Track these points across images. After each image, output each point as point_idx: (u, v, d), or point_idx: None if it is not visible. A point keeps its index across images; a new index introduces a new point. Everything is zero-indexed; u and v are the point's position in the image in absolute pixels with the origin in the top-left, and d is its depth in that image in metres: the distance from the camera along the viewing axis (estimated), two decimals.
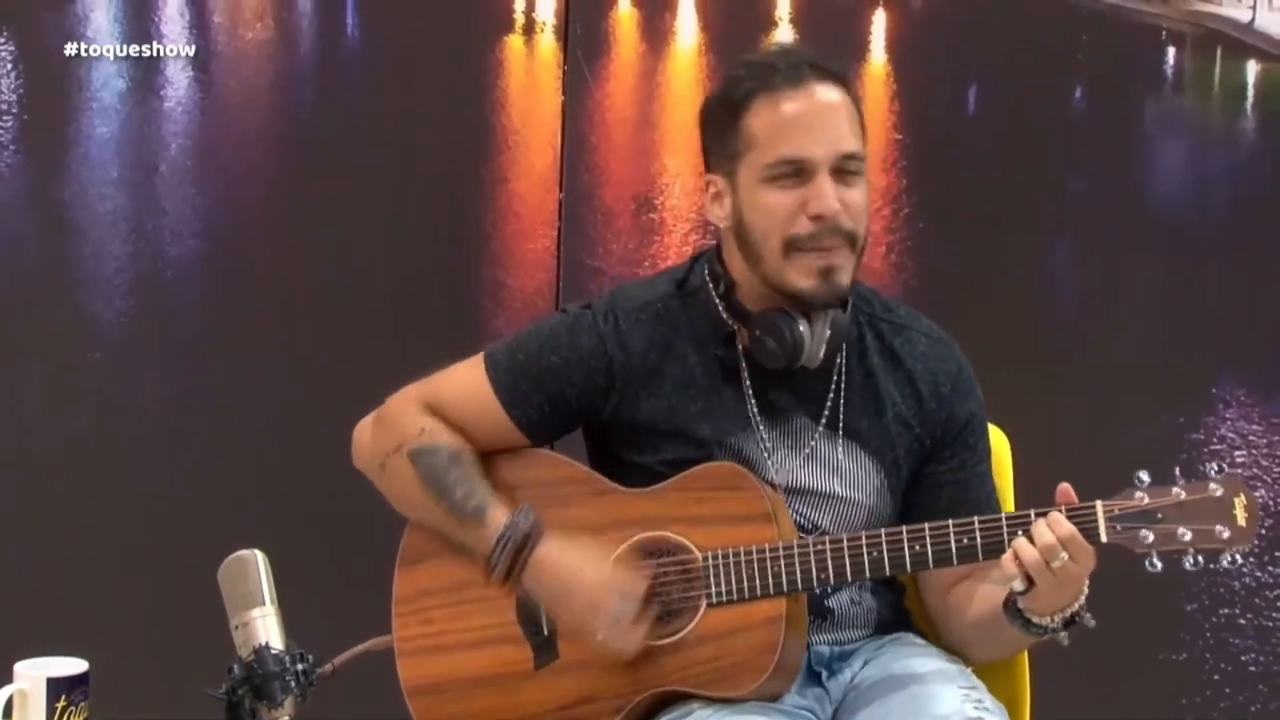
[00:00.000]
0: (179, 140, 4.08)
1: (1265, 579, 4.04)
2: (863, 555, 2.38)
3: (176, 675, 3.60)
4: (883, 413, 2.51)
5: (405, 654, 2.55)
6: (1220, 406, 4.06)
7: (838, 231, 2.42)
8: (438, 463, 2.52)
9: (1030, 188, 4.06)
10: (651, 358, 2.51)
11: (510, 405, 2.53)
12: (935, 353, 2.55)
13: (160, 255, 4.07)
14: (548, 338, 2.54)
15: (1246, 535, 2.27)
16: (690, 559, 2.43)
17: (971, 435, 2.54)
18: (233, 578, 2.36)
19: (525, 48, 4.11)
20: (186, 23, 4.07)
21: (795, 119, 2.42)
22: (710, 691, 2.39)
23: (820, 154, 2.41)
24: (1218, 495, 2.28)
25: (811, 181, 2.41)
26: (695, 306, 2.53)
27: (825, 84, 2.44)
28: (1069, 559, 2.28)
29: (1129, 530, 2.29)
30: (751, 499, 2.43)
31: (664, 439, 2.50)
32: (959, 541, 2.34)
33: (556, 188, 4.07)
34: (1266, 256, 4.06)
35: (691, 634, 2.42)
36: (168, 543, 3.96)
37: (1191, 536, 2.28)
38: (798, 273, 2.43)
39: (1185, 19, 4.11)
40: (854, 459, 2.51)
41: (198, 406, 4.05)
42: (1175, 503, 2.28)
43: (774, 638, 2.38)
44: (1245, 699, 4.02)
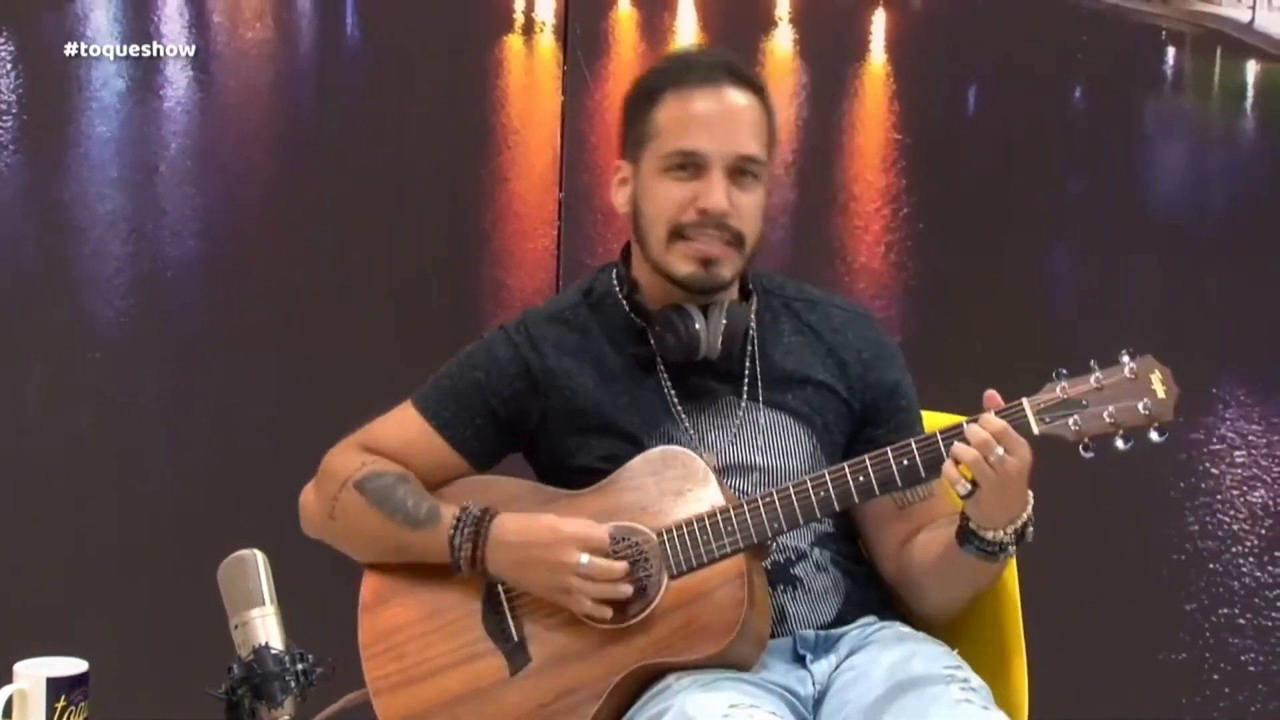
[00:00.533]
0: (179, 140, 4.08)
1: (1265, 579, 4.04)
2: (810, 496, 2.42)
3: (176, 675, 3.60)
4: (805, 382, 2.59)
5: (381, 692, 2.57)
6: (1220, 407, 4.06)
7: (724, 229, 2.52)
8: (385, 484, 2.58)
9: (1030, 188, 4.06)
10: (566, 359, 2.59)
11: (442, 428, 2.61)
12: (854, 324, 2.64)
13: (160, 255, 4.07)
14: (466, 358, 2.64)
15: (1167, 406, 2.34)
16: (644, 539, 2.47)
17: (904, 398, 2.62)
18: (232, 577, 2.36)
19: (525, 48, 4.11)
20: (186, 23, 4.07)
21: (698, 115, 2.52)
22: (684, 658, 2.42)
23: (716, 151, 2.51)
24: (1133, 374, 2.35)
25: (705, 177, 2.51)
26: (603, 311, 2.62)
27: (737, 88, 2.54)
28: (1006, 453, 2.32)
29: (1057, 420, 2.34)
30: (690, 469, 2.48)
31: (595, 435, 2.56)
32: (899, 463, 2.39)
33: (556, 187, 4.08)
34: (1266, 256, 4.06)
35: (658, 608, 2.45)
36: (168, 542, 3.96)
37: (1117, 415, 2.33)
38: (678, 259, 2.53)
39: (1185, 19, 4.11)
40: (783, 427, 2.58)
41: (197, 406, 4.05)
42: (1095, 388, 2.34)
43: (739, 594, 2.41)
44: (1245, 699, 4.02)
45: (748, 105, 2.54)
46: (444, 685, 2.54)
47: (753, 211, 2.53)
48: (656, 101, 2.55)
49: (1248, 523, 4.04)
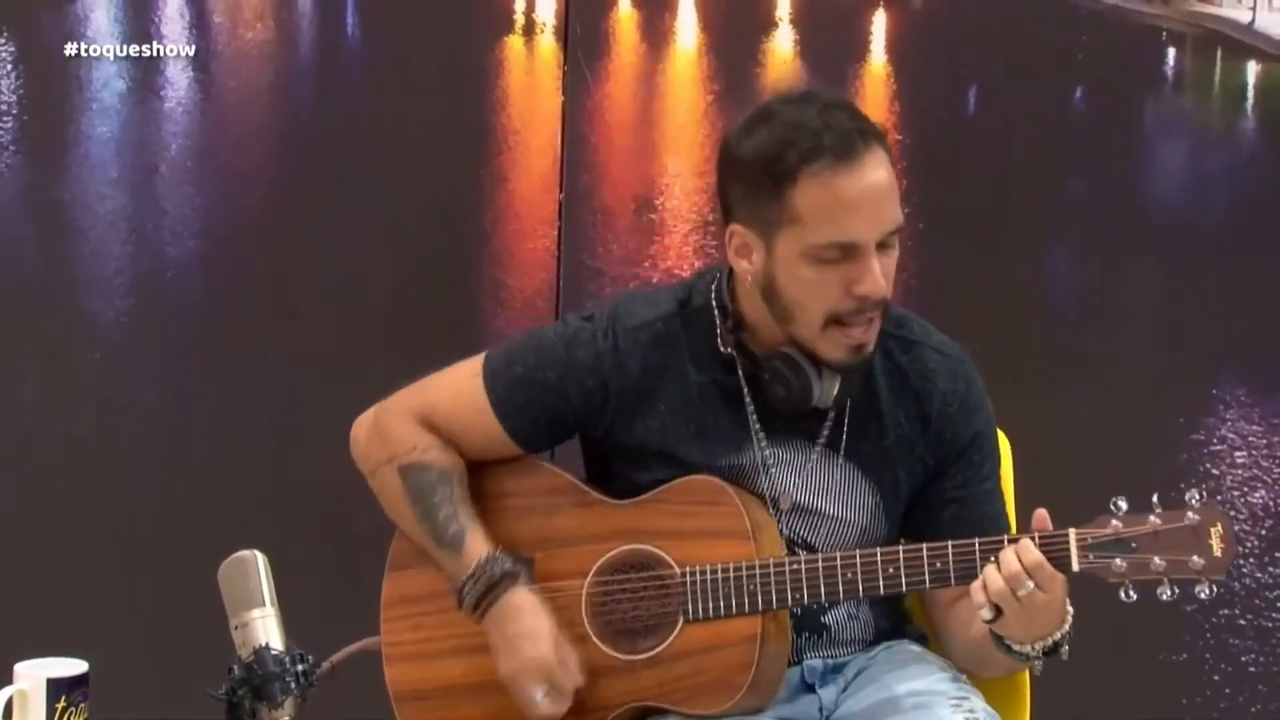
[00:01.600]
0: (179, 140, 4.08)
1: (1265, 580, 4.04)
2: (836, 576, 2.36)
3: (176, 676, 3.60)
4: (884, 435, 2.49)
5: (393, 659, 2.57)
6: (1220, 407, 4.06)
7: (879, 305, 2.39)
8: (425, 480, 2.53)
9: (1030, 188, 4.06)
10: (648, 379, 2.49)
11: (505, 418, 2.53)
12: (945, 369, 2.51)
13: (160, 255, 4.07)
14: (546, 351, 2.52)
15: (1221, 566, 2.22)
16: (669, 574, 2.43)
17: (977, 453, 2.51)
18: (232, 578, 2.35)
19: (525, 48, 4.11)
20: (186, 23, 4.07)
21: (848, 202, 2.34)
22: (685, 709, 2.39)
23: (870, 236, 2.35)
24: (1194, 524, 2.23)
25: (859, 260, 2.35)
26: (696, 327, 2.50)
27: (874, 153, 2.36)
28: (1036, 588, 2.24)
29: (1102, 559, 2.25)
30: (730, 514, 2.42)
31: (655, 459, 2.49)
32: (932, 565, 2.33)
33: (556, 188, 4.08)
34: (1266, 257, 4.06)
35: (668, 650, 2.42)
36: (168, 543, 3.96)
37: (1165, 566, 2.23)
38: (830, 345, 2.39)
39: (1185, 19, 4.11)
40: (850, 480, 2.49)
41: (198, 406, 4.05)
42: (1150, 531, 2.24)
43: (748, 656, 2.37)
44: (1245, 699, 4.02)
45: (887, 173, 2.37)
46: (450, 670, 2.53)
47: (893, 272, 2.39)
48: (791, 183, 2.33)
49: (1248, 523, 4.04)
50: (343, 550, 3.81)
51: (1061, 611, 2.30)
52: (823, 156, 2.33)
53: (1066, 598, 2.29)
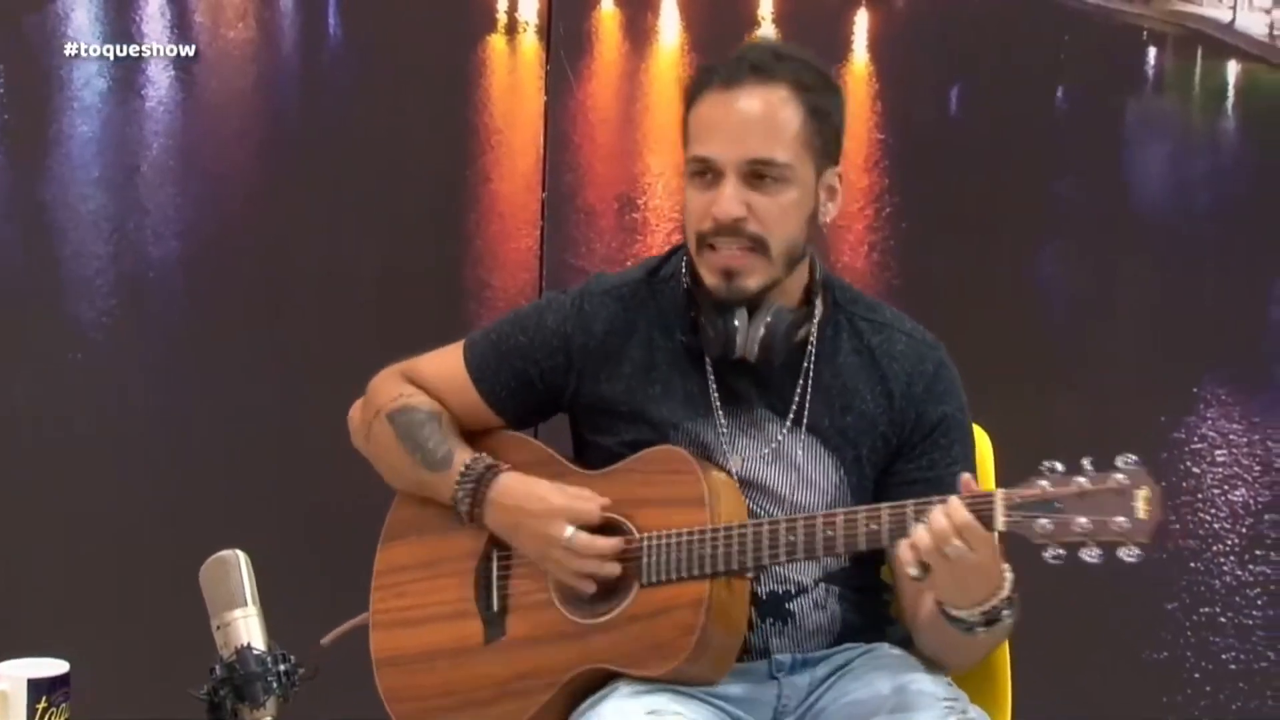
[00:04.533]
0: (161, 140, 4.07)
1: (1246, 578, 4.05)
2: (780, 539, 2.39)
3: (158, 676, 3.60)
4: (847, 410, 2.52)
5: (378, 626, 2.63)
6: (1202, 406, 4.07)
7: (738, 234, 2.44)
8: (414, 420, 2.60)
9: (1013, 187, 4.07)
10: (612, 340, 2.56)
11: (479, 381, 2.61)
12: (914, 352, 2.55)
13: (142, 256, 4.06)
14: (521, 319, 2.63)
15: (1145, 529, 2.19)
16: (629, 539, 2.47)
17: (944, 436, 2.52)
18: (214, 578, 2.35)
19: (508, 47, 4.10)
20: (168, 22, 4.06)
21: (712, 119, 2.46)
22: (633, 670, 2.42)
23: (725, 156, 2.44)
24: (1120, 486, 2.22)
25: (718, 183, 2.44)
26: (665, 294, 2.57)
27: (761, 86, 2.45)
28: (964, 546, 2.24)
29: (1027, 518, 2.23)
30: (689, 483, 2.45)
31: (623, 421, 2.54)
32: (867, 526, 2.34)
33: (539, 187, 4.08)
34: (1247, 256, 4.07)
35: (624, 613, 2.45)
36: (150, 542, 3.96)
37: (1089, 527, 2.21)
38: (706, 269, 2.48)
39: (1166, 19, 4.11)
40: (813, 454, 2.52)
41: (180, 407, 4.05)
42: (1076, 492, 2.22)
43: (694, 620, 2.40)
44: (1226, 697, 4.03)
45: (766, 103, 2.44)
46: (429, 636, 2.58)
47: (776, 214, 2.43)
48: (691, 104, 2.49)
49: (1229, 522, 4.05)
50: (325, 550, 3.81)
51: (995, 575, 2.30)
52: (713, 80, 2.47)
53: (1001, 562, 2.30)
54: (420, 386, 2.65)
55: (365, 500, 2.67)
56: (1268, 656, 4.04)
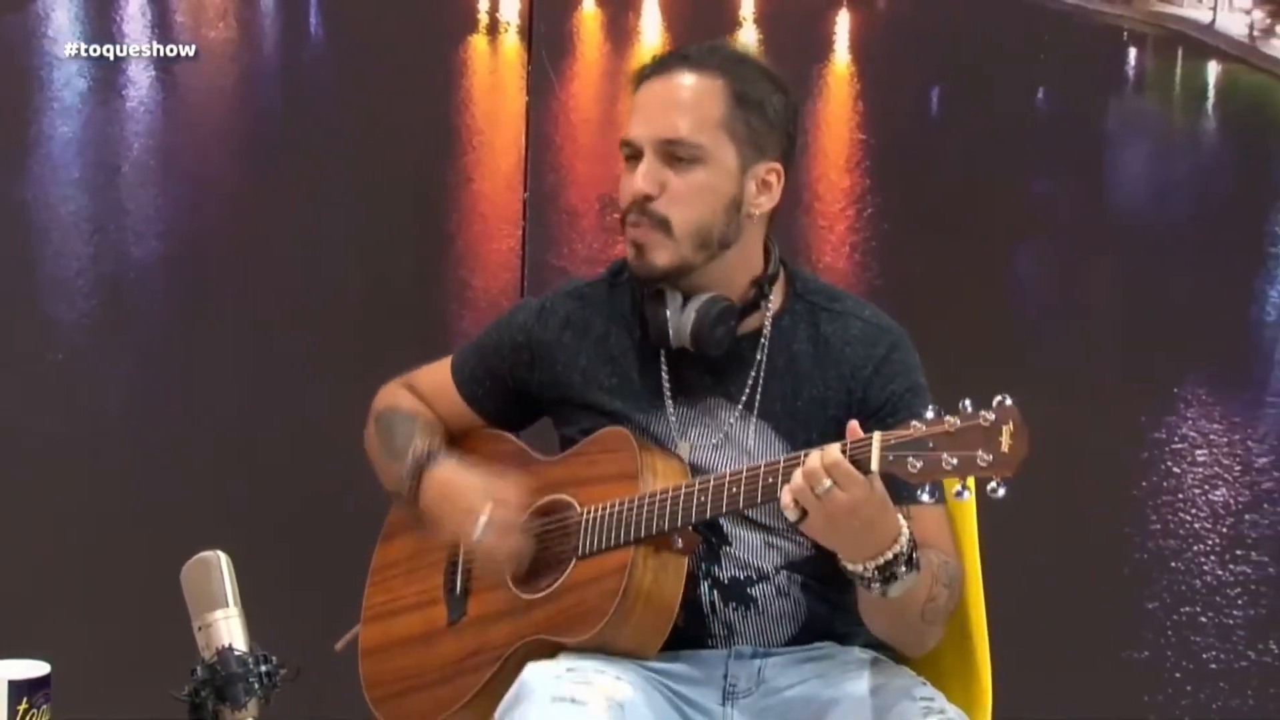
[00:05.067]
0: (141, 140, 4.06)
1: (1226, 577, 4.05)
2: (693, 501, 2.43)
3: (139, 677, 3.58)
4: (799, 395, 2.55)
5: (367, 620, 2.73)
6: (1182, 406, 4.07)
7: (644, 213, 2.51)
8: (394, 418, 2.72)
9: (994, 188, 4.08)
10: (568, 334, 2.64)
11: (460, 384, 2.73)
12: (867, 336, 2.58)
13: (123, 256, 4.06)
14: (497, 322, 2.75)
15: (1008, 461, 2.21)
16: (572, 515, 2.54)
17: (891, 415, 2.51)
18: (196, 579, 2.35)
19: (489, 48, 4.10)
20: (148, 22, 4.05)
21: (637, 104, 2.55)
22: (564, 638, 2.47)
23: (642, 136, 2.53)
24: (987, 423, 2.23)
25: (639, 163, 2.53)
26: (625, 292, 2.64)
27: (684, 72, 2.53)
28: (835, 486, 2.26)
29: (900, 458, 2.25)
30: (625, 459, 2.52)
31: (580, 411, 2.61)
32: (765, 480, 2.38)
33: (521, 188, 4.08)
34: (1227, 256, 4.08)
35: (562, 585, 2.51)
36: (131, 544, 3.95)
37: (956, 463, 2.23)
38: (626, 247, 2.56)
39: (1147, 20, 4.12)
40: (764, 439, 2.55)
41: (161, 408, 4.04)
42: (947, 431, 2.24)
43: (616, 585, 2.44)
44: (1206, 697, 4.04)
45: (687, 86, 2.51)
46: (403, 625, 2.67)
47: (685, 194, 2.50)
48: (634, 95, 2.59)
49: (1209, 521, 4.06)
50: (307, 551, 3.81)
51: (883, 527, 2.30)
52: (645, 72, 2.58)
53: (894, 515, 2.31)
54: (417, 395, 2.76)
55: (347, 502, 2.68)
56: (1248, 656, 4.05)
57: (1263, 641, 4.04)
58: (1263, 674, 4.03)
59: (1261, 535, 4.06)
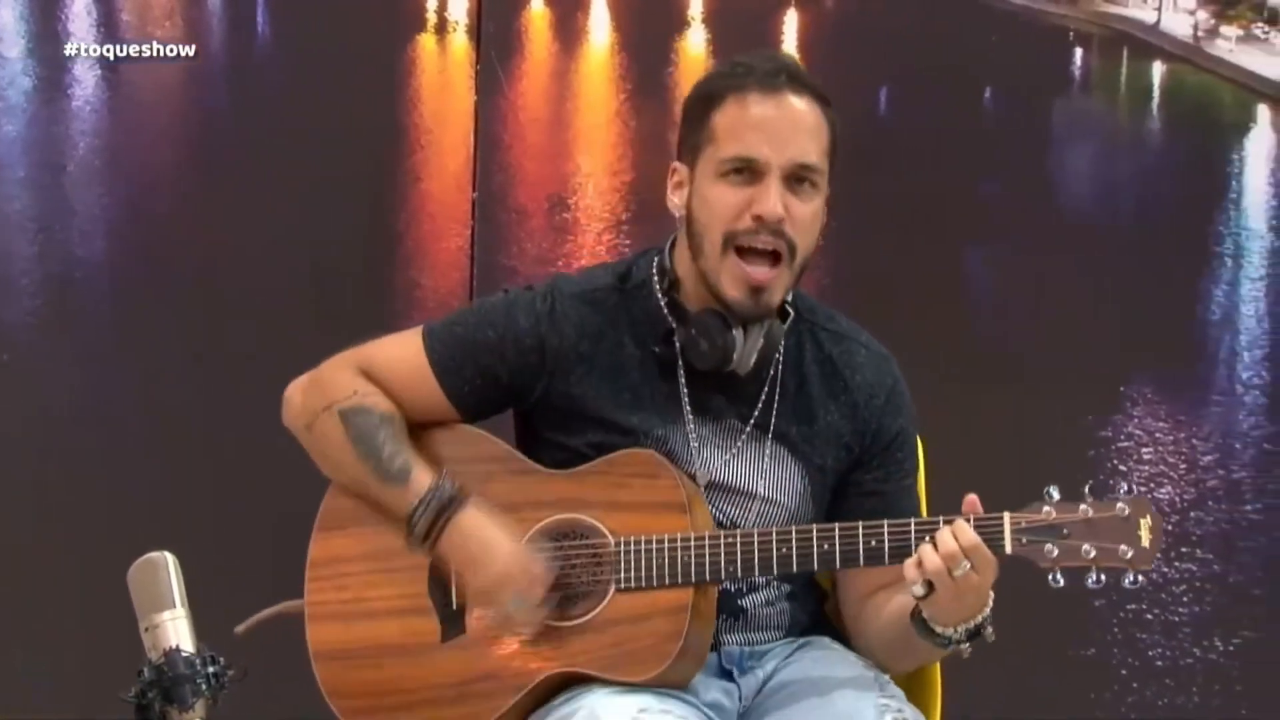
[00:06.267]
0: (87, 139, 4.04)
1: (1171, 574, 4.08)
2: (771, 551, 2.39)
3: (86, 678, 3.57)
4: (813, 420, 2.53)
5: (317, 618, 2.56)
6: (1128, 405, 4.10)
7: (779, 235, 2.44)
8: (368, 423, 2.54)
9: (941, 187, 4.09)
10: (584, 344, 2.53)
11: (443, 376, 2.55)
12: (873, 365, 2.57)
13: (68, 256, 4.04)
14: (486, 313, 2.56)
15: (1149, 556, 2.30)
16: (602, 543, 2.45)
17: (900, 450, 2.55)
18: (142, 580, 2.34)
19: (438, 47, 4.10)
20: (94, 21, 4.03)
21: (757, 120, 2.44)
22: (612, 675, 2.40)
23: (773, 158, 2.43)
24: (1124, 515, 2.30)
25: (761, 183, 2.43)
26: (636, 300, 2.55)
27: (798, 95, 2.46)
28: (971, 568, 2.28)
29: (1034, 544, 2.29)
30: (668, 487, 2.45)
31: (591, 424, 2.52)
32: (867, 543, 2.36)
33: (470, 187, 4.07)
34: (1173, 256, 4.11)
35: (598, 618, 2.43)
36: (77, 544, 3.93)
37: (1095, 554, 2.29)
38: (729, 279, 2.45)
39: (1092, 20, 4.15)
40: (779, 462, 2.53)
41: (107, 408, 4.02)
42: (1082, 519, 2.29)
43: (678, 626, 2.39)
44: (1152, 694, 4.06)
45: (808, 111, 2.46)
46: (378, 631, 2.53)
47: (809, 222, 2.45)
48: (715, 105, 2.47)
49: None
50: (254, 551, 3.79)
51: (986, 594, 2.33)
52: (747, 83, 2.46)
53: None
54: (375, 380, 2.57)
55: (295, 501, 2.65)
56: (1193, 653, 4.08)
57: (1207, 639, 4.07)
58: (1207, 671, 4.06)
59: (1206, 533, 4.09)
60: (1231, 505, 4.10)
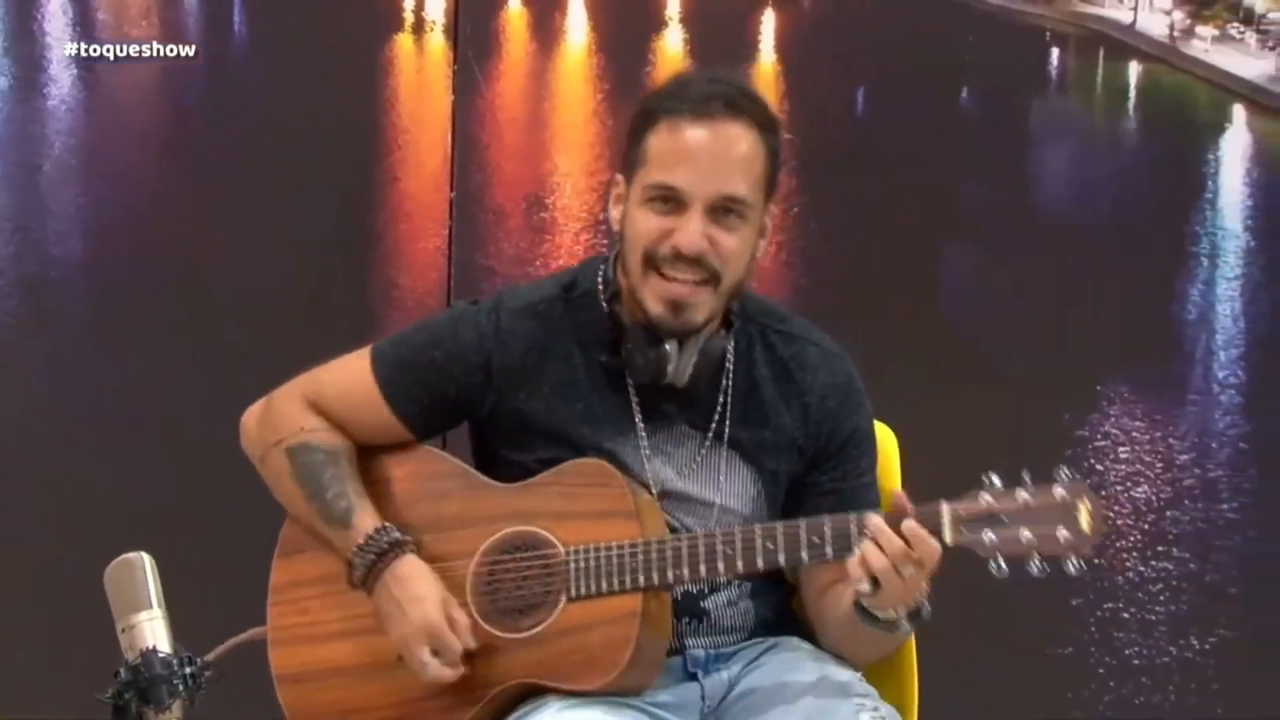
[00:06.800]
0: (63, 139, 4.03)
1: (1148, 573, 4.09)
2: (717, 553, 2.39)
3: (63, 679, 3.57)
4: (765, 424, 2.53)
5: (278, 643, 2.56)
6: (1105, 404, 4.11)
7: (699, 266, 2.43)
8: (313, 460, 2.54)
9: (919, 187, 4.10)
10: (531, 356, 2.52)
11: (392, 399, 2.55)
12: (826, 365, 2.55)
13: (44, 256, 4.03)
14: (432, 332, 2.56)
15: (1088, 540, 2.25)
16: (553, 553, 2.45)
17: (855, 448, 2.54)
18: (119, 581, 2.34)
19: (415, 46, 4.10)
20: (70, 20, 4.02)
21: (685, 149, 2.42)
22: (565, 685, 2.40)
23: (696, 190, 2.42)
24: (1062, 500, 2.27)
25: (683, 213, 2.42)
26: (583, 310, 2.54)
27: (733, 123, 2.43)
28: (917, 561, 2.27)
29: (973, 533, 2.28)
30: (617, 495, 2.45)
31: (541, 439, 2.51)
32: (809, 540, 2.35)
33: (448, 187, 4.07)
34: (1149, 255, 4.12)
35: (550, 628, 2.43)
36: (54, 545, 3.92)
37: (1034, 540, 2.25)
38: (650, 295, 2.45)
39: (1069, 20, 4.16)
40: (732, 468, 2.53)
41: (83, 409, 4.01)
42: (1020, 506, 2.27)
43: (629, 633, 2.39)
44: (1129, 692, 4.08)
45: (740, 140, 2.43)
46: (337, 652, 2.53)
47: (735, 252, 2.42)
48: (650, 126, 2.44)
49: (1131, 518, 4.10)
50: (231, 552, 3.77)
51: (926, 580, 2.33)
52: (681, 106, 2.43)
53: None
54: (325, 409, 2.57)
55: (271, 502, 2.65)
56: (1170, 651, 4.09)
57: (1184, 637, 4.08)
58: (1184, 669, 4.07)
59: (1183, 532, 4.10)
60: (1208, 504, 4.11)
